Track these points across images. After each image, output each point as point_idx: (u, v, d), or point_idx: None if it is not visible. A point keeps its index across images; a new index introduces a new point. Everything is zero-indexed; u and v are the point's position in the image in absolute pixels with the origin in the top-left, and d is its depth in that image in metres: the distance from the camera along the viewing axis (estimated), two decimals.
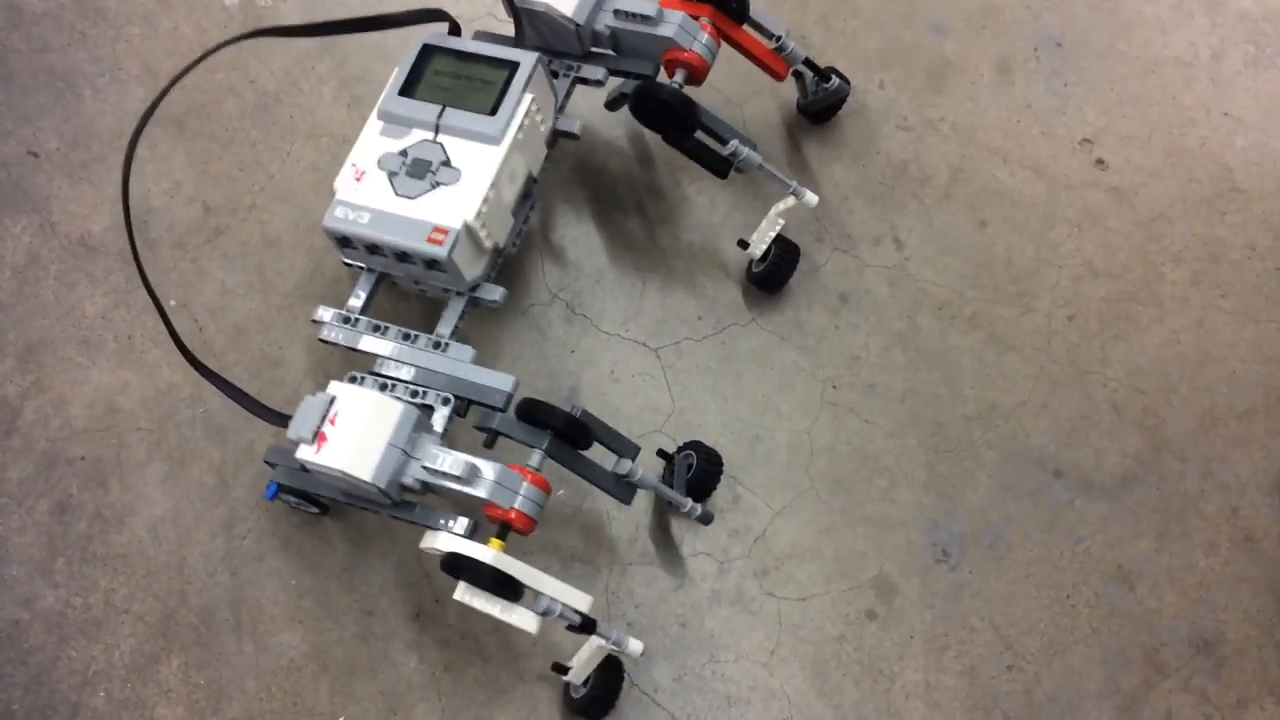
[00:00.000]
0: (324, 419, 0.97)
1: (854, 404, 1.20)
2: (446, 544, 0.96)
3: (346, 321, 1.09)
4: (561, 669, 1.04)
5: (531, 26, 1.16)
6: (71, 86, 1.36)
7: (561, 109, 1.17)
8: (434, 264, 1.04)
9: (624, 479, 1.03)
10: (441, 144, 1.07)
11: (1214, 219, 1.27)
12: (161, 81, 1.35)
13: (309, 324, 1.20)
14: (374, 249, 1.06)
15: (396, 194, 1.05)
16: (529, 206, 1.16)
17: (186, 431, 1.20)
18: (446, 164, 1.06)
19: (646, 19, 1.12)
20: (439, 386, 1.04)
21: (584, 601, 0.98)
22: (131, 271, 1.26)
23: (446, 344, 1.07)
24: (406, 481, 0.98)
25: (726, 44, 1.18)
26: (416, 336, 1.07)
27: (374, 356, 1.07)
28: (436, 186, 1.05)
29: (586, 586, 1.13)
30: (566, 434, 1.01)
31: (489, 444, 1.03)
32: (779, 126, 1.33)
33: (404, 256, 1.05)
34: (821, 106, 1.29)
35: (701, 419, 1.20)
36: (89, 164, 1.32)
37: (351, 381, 1.04)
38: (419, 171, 1.06)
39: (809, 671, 1.10)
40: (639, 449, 1.05)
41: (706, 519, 1.11)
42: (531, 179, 1.14)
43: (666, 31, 1.12)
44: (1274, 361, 1.21)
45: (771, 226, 1.20)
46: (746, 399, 1.21)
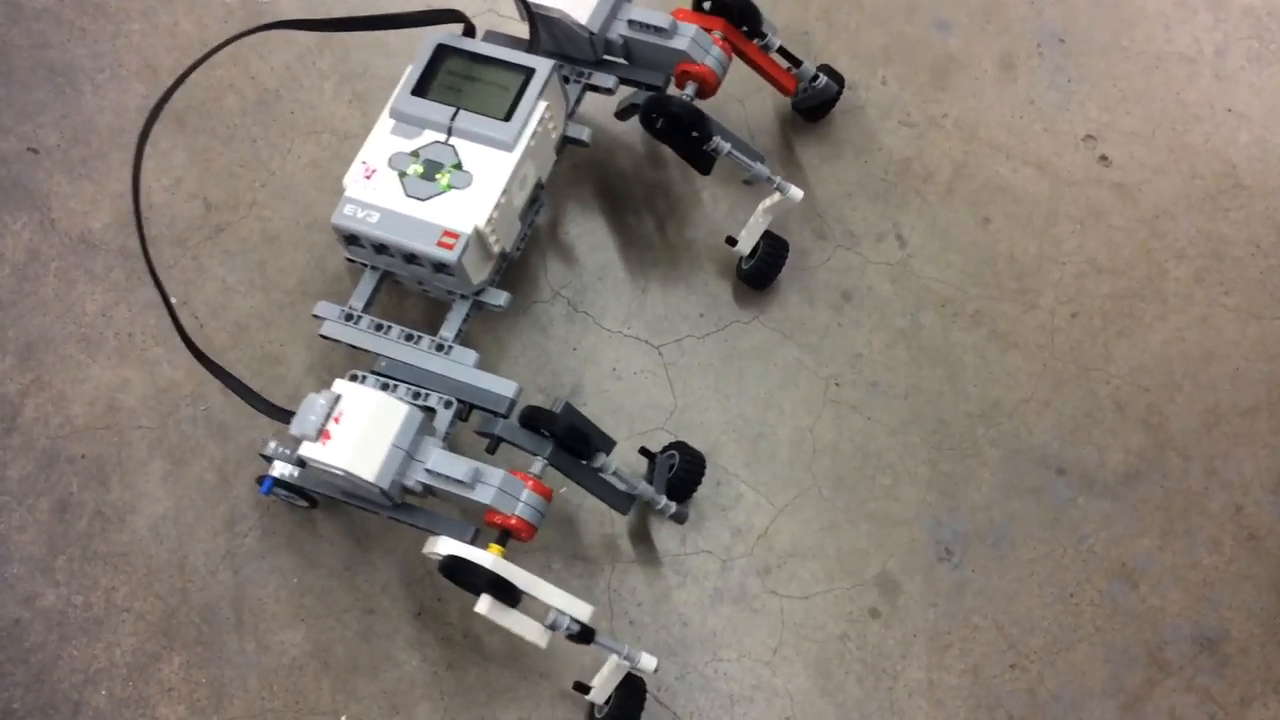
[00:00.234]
0: (328, 417, 0.97)
1: (857, 401, 1.20)
2: (447, 548, 0.96)
3: (348, 319, 1.08)
4: (584, 689, 1.04)
5: (544, 31, 1.16)
6: (71, 82, 1.35)
7: (571, 115, 1.17)
8: (442, 267, 1.04)
9: (599, 472, 1.03)
10: (454, 146, 1.07)
11: (1218, 215, 1.27)
12: (162, 77, 1.35)
13: (310, 321, 1.20)
14: (381, 248, 1.06)
15: (407, 194, 1.05)
16: (534, 211, 1.16)
17: (188, 429, 1.19)
18: (459, 167, 1.06)
19: (660, 30, 1.12)
20: (441, 389, 1.04)
21: (584, 611, 0.98)
22: (132, 268, 1.25)
23: (450, 347, 1.06)
24: (408, 484, 0.98)
25: (737, 58, 1.18)
26: (419, 338, 1.07)
27: (375, 355, 1.07)
28: (448, 189, 1.05)
29: (588, 585, 1.13)
30: (568, 443, 1.00)
31: (491, 449, 1.03)
32: (780, 123, 1.32)
33: (411, 258, 1.05)
34: (812, 105, 1.29)
35: (704, 417, 1.19)
36: (89, 160, 1.31)
37: (353, 380, 1.04)
38: (430, 173, 1.06)
39: (812, 670, 1.10)
40: (614, 443, 1.05)
41: (680, 518, 1.10)
42: (539, 184, 1.13)
43: (679, 44, 1.12)
44: (1278, 359, 1.20)
45: (759, 222, 1.19)
46: (749, 396, 1.20)
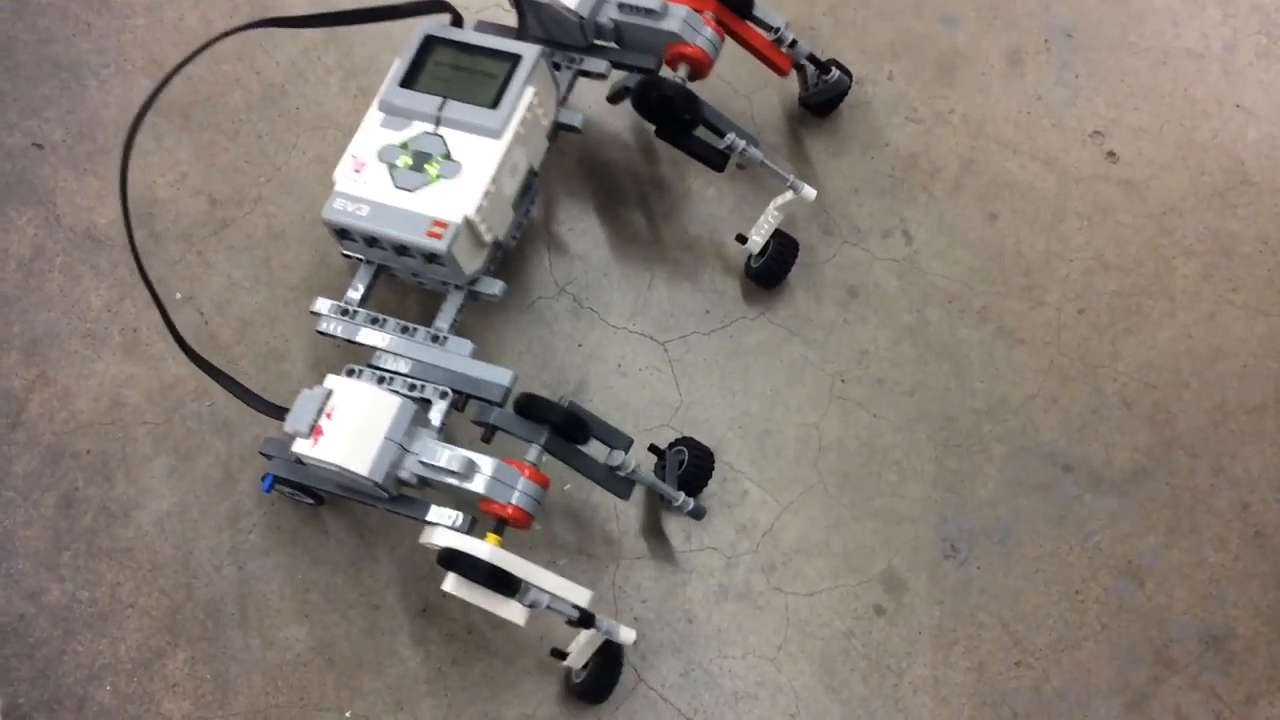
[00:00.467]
0: (321, 412, 0.96)
1: (863, 398, 1.20)
2: (444, 539, 0.96)
3: (345, 313, 1.08)
4: (560, 654, 1.04)
5: (534, 18, 1.16)
6: (76, 78, 1.35)
7: (563, 101, 1.16)
8: (433, 258, 1.04)
9: (616, 471, 1.03)
10: (442, 136, 1.07)
11: (1225, 212, 1.26)
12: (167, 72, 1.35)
13: (314, 317, 1.20)
14: (373, 241, 1.06)
15: (396, 186, 1.05)
16: (529, 200, 1.16)
17: (192, 425, 1.19)
18: (447, 157, 1.06)
19: (650, 12, 1.12)
20: (437, 380, 1.04)
21: (583, 596, 0.98)
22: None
23: (445, 337, 1.06)
24: (403, 476, 0.98)
25: (730, 39, 1.17)
26: (415, 330, 1.06)
27: (372, 349, 1.06)
28: (436, 180, 1.05)
29: (593, 581, 1.13)
30: (564, 429, 1.00)
31: (487, 438, 1.03)
32: (786, 118, 1.32)
33: (403, 249, 1.05)
34: (822, 99, 1.28)
35: (709, 413, 1.19)
36: (94, 156, 1.31)
37: (349, 375, 1.04)
38: (419, 164, 1.05)
39: (816, 667, 1.10)
40: (631, 441, 1.05)
41: (698, 514, 1.10)
42: (532, 172, 1.13)
43: (671, 26, 1.11)
44: None
45: (770, 221, 1.19)
46: (754, 393, 1.20)
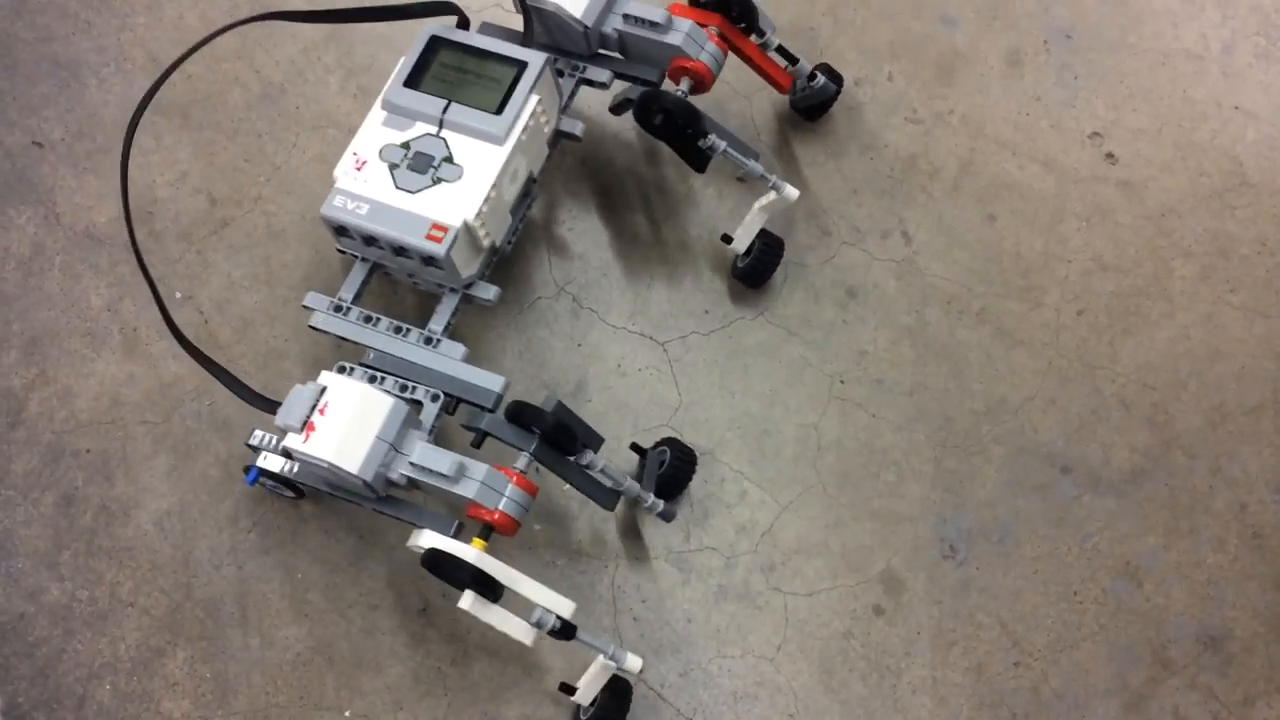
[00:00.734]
0: (313, 408, 0.96)
1: (862, 399, 1.20)
2: (431, 542, 0.96)
3: (338, 310, 1.08)
4: (569, 689, 1.03)
5: (540, 24, 1.16)
6: (76, 76, 1.35)
7: (565, 109, 1.16)
8: (431, 260, 1.04)
9: (586, 469, 1.03)
10: (445, 139, 1.07)
11: (1224, 213, 1.26)
12: None
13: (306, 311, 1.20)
14: (370, 240, 1.06)
15: (397, 187, 1.05)
16: (526, 205, 1.16)
17: (192, 424, 1.19)
18: (449, 160, 1.06)
19: (655, 25, 1.12)
20: (428, 383, 1.04)
21: (566, 607, 0.97)
22: (137, 263, 1.25)
23: (438, 340, 1.06)
24: (393, 477, 0.97)
25: (733, 54, 1.18)
26: (408, 330, 1.06)
27: (364, 347, 1.06)
28: (438, 182, 1.05)
29: (592, 582, 1.13)
30: (553, 438, 1.00)
31: (477, 444, 1.03)
32: (785, 119, 1.32)
33: (400, 250, 1.05)
34: (810, 104, 1.29)
35: (708, 413, 1.19)
36: (94, 154, 1.31)
37: (340, 372, 1.04)
38: (421, 165, 1.05)
39: (815, 667, 1.10)
40: (602, 440, 1.05)
41: (668, 516, 1.09)
42: (531, 178, 1.13)
43: (674, 40, 1.12)
44: None
45: (755, 221, 1.19)
46: (754, 393, 1.20)
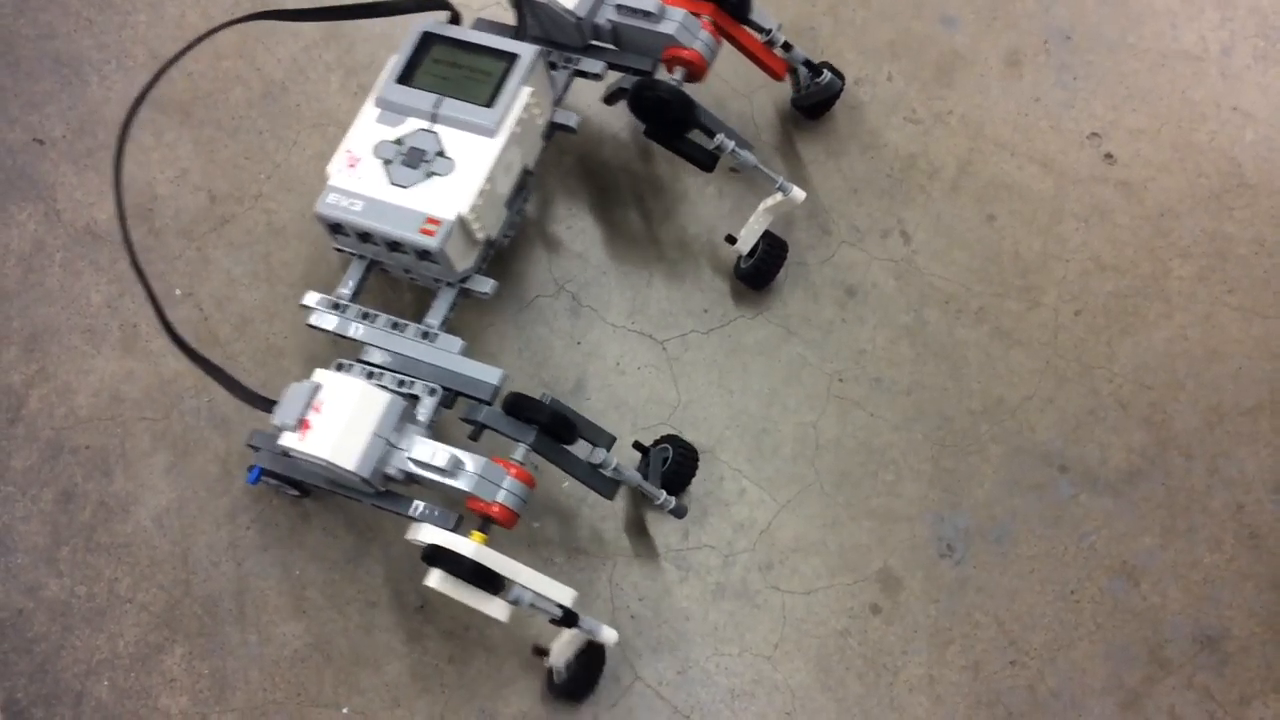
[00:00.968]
0: (308, 406, 0.97)
1: (860, 397, 1.20)
2: (429, 536, 0.96)
3: (335, 308, 1.08)
4: (542, 652, 1.03)
5: (532, 17, 1.16)
6: (77, 73, 1.35)
7: (559, 101, 1.17)
8: (425, 254, 1.04)
9: (599, 469, 1.03)
10: (437, 134, 1.07)
11: (1222, 214, 1.27)
12: (168, 70, 1.35)
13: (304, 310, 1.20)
14: (366, 236, 1.06)
15: (390, 182, 1.05)
16: (523, 199, 1.16)
17: (191, 421, 1.20)
18: (442, 154, 1.06)
19: (648, 15, 1.12)
20: (425, 377, 1.04)
21: (567, 595, 0.98)
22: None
23: (435, 334, 1.06)
24: (390, 472, 0.98)
25: (727, 42, 1.18)
26: (405, 325, 1.07)
27: (362, 344, 1.07)
28: (431, 177, 1.05)
29: (590, 579, 1.13)
30: (551, 429, 1.00)
31: (474, 437, 1.03)
32: (785, 118, 1.32)
33: (395, 245, 1.05)
34: (814, 101, 1.29)
35: (707, 412, 1.20)
36: (94, 151, 1.31)
37: (338, 369, 1.04)
38: (414, 161, 1.06)
39: (812, 665, 1.10)
40: (614, 439, 1.05)
41: (680, 512, 1.10)
42: (527, 171, 1.13)
43: (667, 29, 1.12)
44: None
45: (760, 222, 1.19)
46: (752, 392, 1.20)
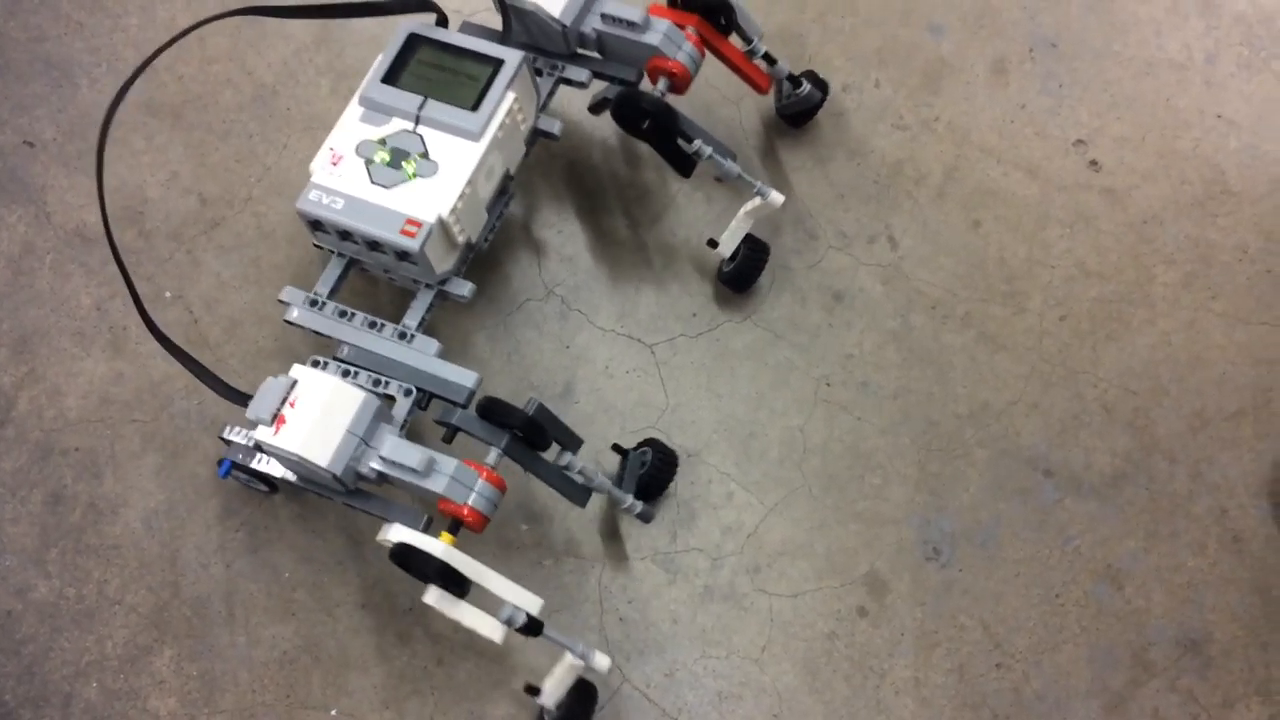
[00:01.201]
0: (284, 401, 0.97)
1: (847, 402, 1.21)
2: (399, 535, 0.96)
3: (313, 305, 1.09)
4: (534, 690, 1.03)
5: (519, 23, 1.17)
6: (68, 76, 1.35)
7: (543, 108, 1.17)
8: (405, 255, 1.05)
9: (565, 471, 1.03)
10: (421, 135, 1.08)
11: (1206, 221, 1.28)
12: (159, 73, 1.35)
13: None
14: (346, 235, 1.06)
15: (372, 182, 1.06)
16: (504, 203, 1.17)
17: (180, 423, 1.20)
18: (425, 156, 1.06)
19: (633, 25, 1.13)
20: (401, 377, 1.04)
21: (533, 603, 0.97)
22: (126, 262, 1.26)
23: (412, 335, 1.07)
24: (363, 470, 0.98)
25: (711, 54, 1.19)
26: (383, 325, 1.07)
27: (339, 342, 1.07)
28: (413, 178, 1.06)
29: (579, 582, 1.14)
30: (525, 435, 1.01)
31: (448, 439, 1.03)
32: (772, 125, 1.33)
33: (375, 245, 1.05)
34: (795, 111, 1.30)
35: (695, 415, 1.20)
36: (85, 154, 1.31)
37: (315, 366, 1.04)
38: (396, 161, 1.06)
39: (800, 668, 1.11)
40: (581, 442, 1.05)
41: (646, 517, 1.10)
42: (508, 176, 1.14)
43: (652, 39, 1.13)
44: (1264, 364, 1.21)
45: (741, 226, 1.20)
46: (740, 396, 1.21)
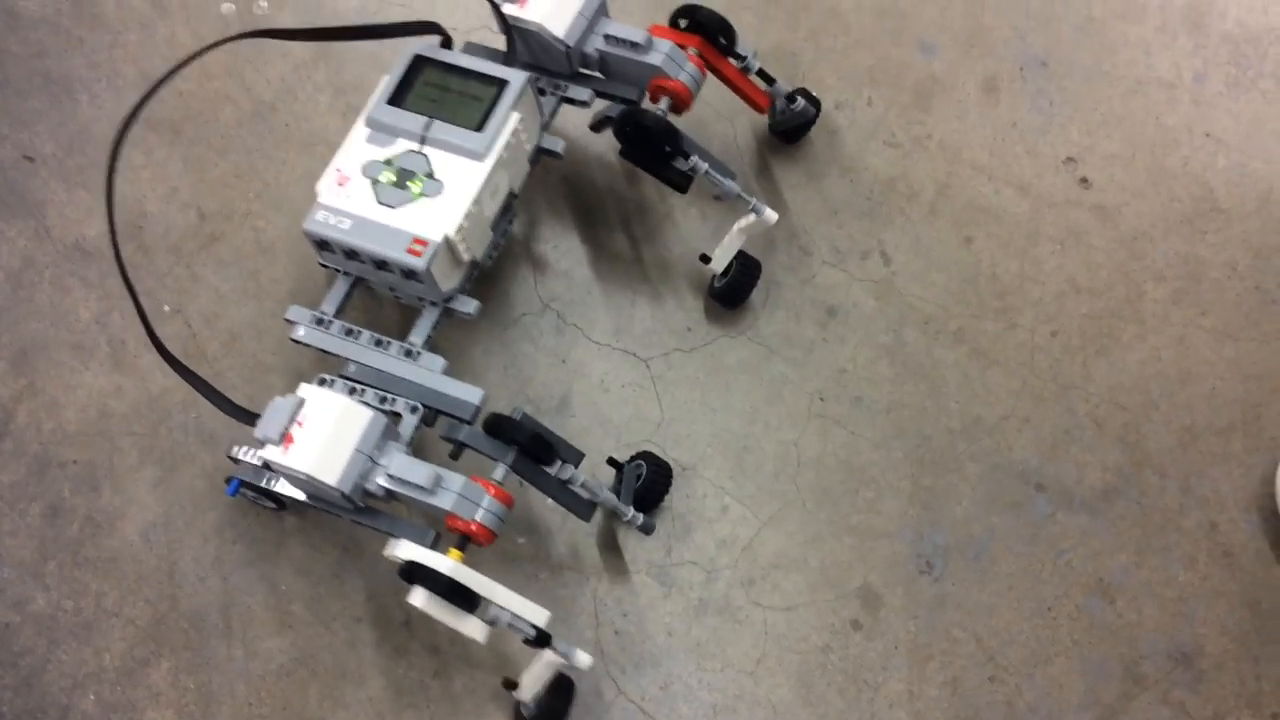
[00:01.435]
0: (291, 421, 0.98)
1: (841, 416, 1.22)
2: (407, 552, 0.97)
3: (319, 323, 1.10)
4: (512, 685, 1.03)
5: (522, 43, 1.18)
6: (68, 91, 1.36)
7: (546, 127, 1.18)
8: (411, 274, 1.05)
9: (567, 485, 1.04)
10: (426, 155, 1.09)
11: (1195, 238, 1.29)
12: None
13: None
14: (352, 254, 1.07)
15: (379, 202, 1.07)
16: (507, 221, 1.18)
17: (179, 436, 1.20)
18: (430, 176, 1.07)
19: (635, 46, 1.14)
20: (407, 395, 1.05)
21: (541, 616, 0.98)
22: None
23: (418, 353, 1.08)
24: (371, 488, 0.99)
25: (712, 74, 1.20)
26: (389, 343, 1.08)
27: (345, 360, 1.08)
28: (419, 198, 1.07)
29: (574, 595, 1.14)
30: (531, 450, 1.01)
31: (454, 455, 1.04)
32: (766, 142, 1.34)
33: (382, 264, 1.06)
34: (789, 127, 1.31)
35: (690, 429, 1.21)
36: (85, 169, 1.32)
37: (321, 384, 1.05)
38: (402, 181, 1.07)
39: (794, 681, 1.12)
40: (582, 456, 1.06)
41: (648, 529, 1.11)
42: (513, 195, 1.15)
43: (654, 60, 1.14)
44: (1253, 379, 1.23)
45: (733, 242, 1.21)
46: (735, 410, 1.22)
